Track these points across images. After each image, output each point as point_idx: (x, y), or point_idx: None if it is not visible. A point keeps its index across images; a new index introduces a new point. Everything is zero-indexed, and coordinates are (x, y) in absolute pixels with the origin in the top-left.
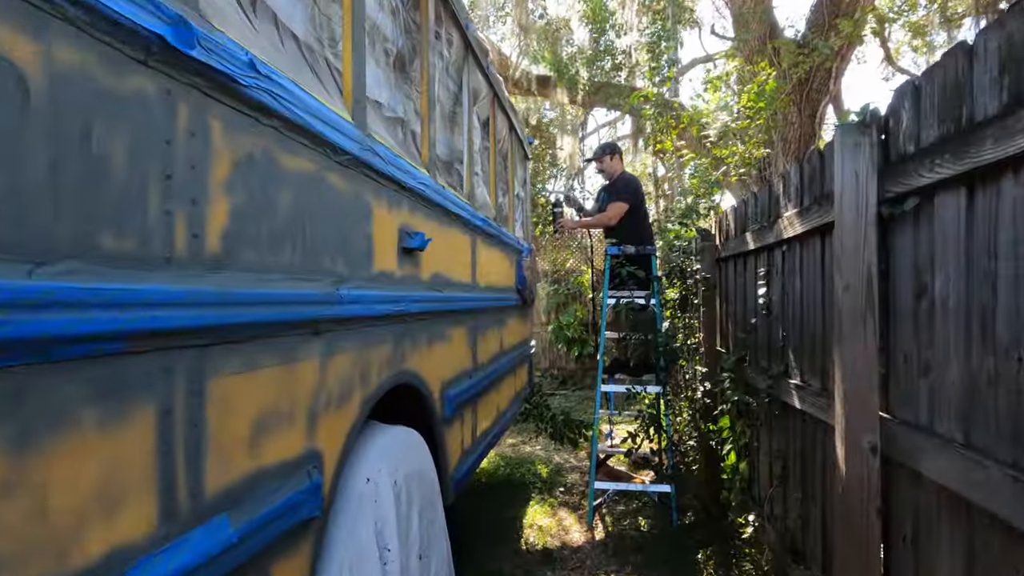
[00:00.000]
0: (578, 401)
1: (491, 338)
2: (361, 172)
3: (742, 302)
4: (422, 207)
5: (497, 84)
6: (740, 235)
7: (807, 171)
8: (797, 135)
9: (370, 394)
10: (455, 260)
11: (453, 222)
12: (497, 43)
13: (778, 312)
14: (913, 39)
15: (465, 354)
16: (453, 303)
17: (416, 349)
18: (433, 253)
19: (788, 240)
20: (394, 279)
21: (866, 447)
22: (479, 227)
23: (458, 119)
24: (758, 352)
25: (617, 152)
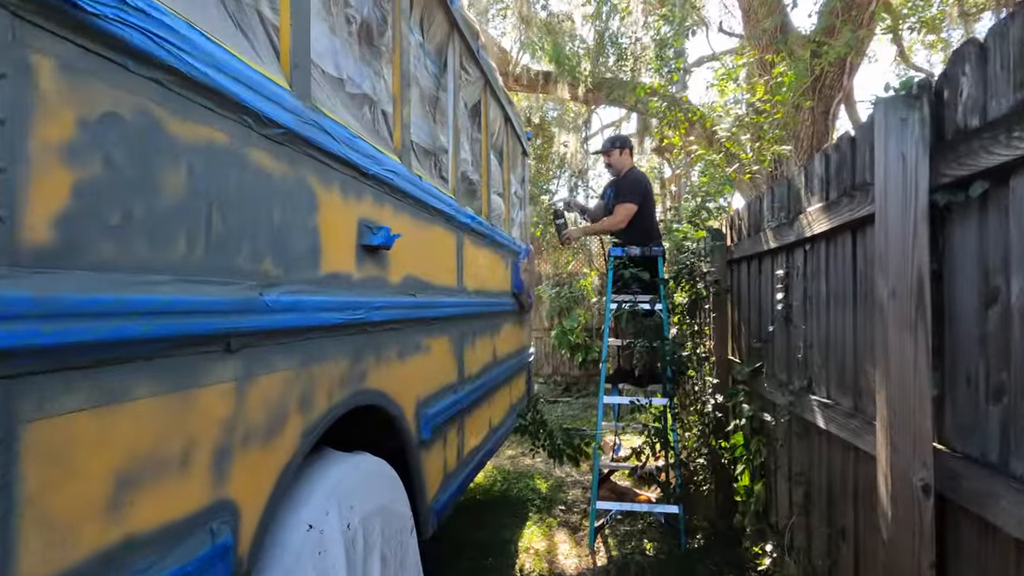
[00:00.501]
0: (581, 409)
1: (482, 347)
2: (302, 151)
3: (757, 307)
4: (391, 199)
5: (489, 71)
6: (755, 234)
7: (834, 159)
8: (809, 132)
9: (315, 422)
10: (435, 261)
11: (433, 218)
12: (497, 38)
13: (799, 319)
14: (925, 36)
15: (448, 367)
16: (432, 309)
17: (382, 364)
18: (406, 252)
19: (812, 238)
20: (351, 282)
21: (917, 485)
22: (466, 225)
23: (442, 105)
24: (775, 363)
25: (627, 146)
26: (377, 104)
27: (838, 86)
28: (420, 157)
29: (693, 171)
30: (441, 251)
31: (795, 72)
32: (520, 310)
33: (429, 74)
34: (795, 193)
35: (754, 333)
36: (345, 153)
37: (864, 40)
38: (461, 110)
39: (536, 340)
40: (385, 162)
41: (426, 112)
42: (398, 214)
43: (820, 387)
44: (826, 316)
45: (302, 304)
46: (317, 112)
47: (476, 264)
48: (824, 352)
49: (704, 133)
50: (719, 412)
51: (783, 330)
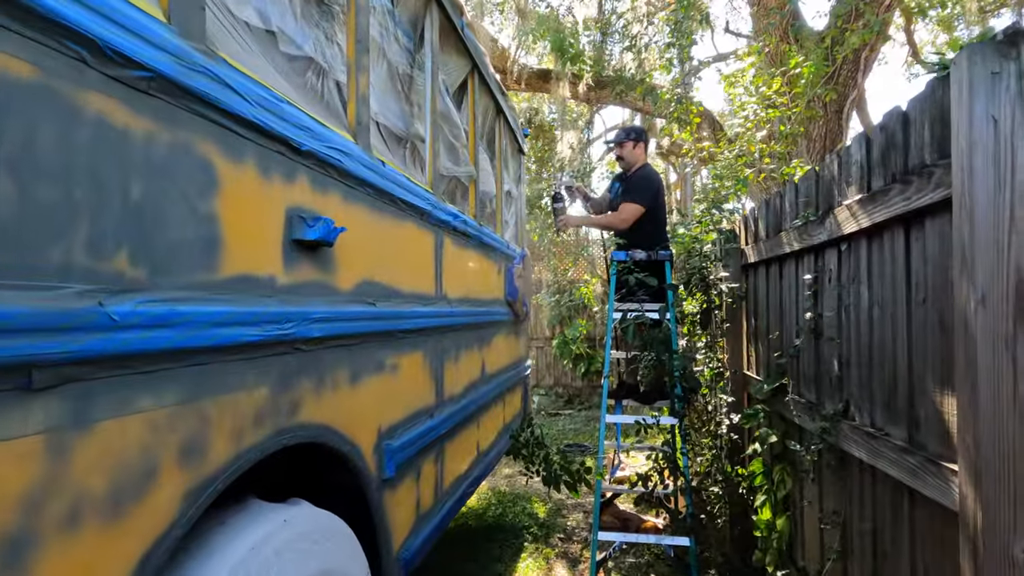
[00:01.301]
0: (584, 422)
1: (467, 362)
2: (188, 108)
3: (777, 317)
4: (339, 185)
5: (478, 54)
6: (774, 235)
7: (878, 142)
8: (822, 132)
9: (210, 476)
10: (406, 264)
11: (403, 213)
12: (495, 35)
13: (832, 332)
14: (936, 38)
15: (422, 388)
16: (400, 321)
17: (325, 391)
18: (362, 252)
19: (848, 237)
20: (275, 288)
21: (1020, 559)
22: (447, 223)
23: (418, 86)
24: (802, 381)
25: (642, 139)
26: (327, 73)
27: (852, 84)
28: (390, 143)
29: (701, 174)
30: (413, 252)
31: (814, 62)
32: (515, 320)
33: (401, 48)
34: (825, 186)
35: (775, 346)
36: (262, 119)
37: (887, 23)
38: (441, 93)
39: (537, 350)
40: (329, 138)
41: (398, 92)
42: (350, 205)
43: (861, 412)
44: (868, 328)
45: (184, 317)
46: (216, 60)
47: (460, 268)
48: (866, 371)
49: (713, 135)
50: (734, 434)
51: (812, 344)
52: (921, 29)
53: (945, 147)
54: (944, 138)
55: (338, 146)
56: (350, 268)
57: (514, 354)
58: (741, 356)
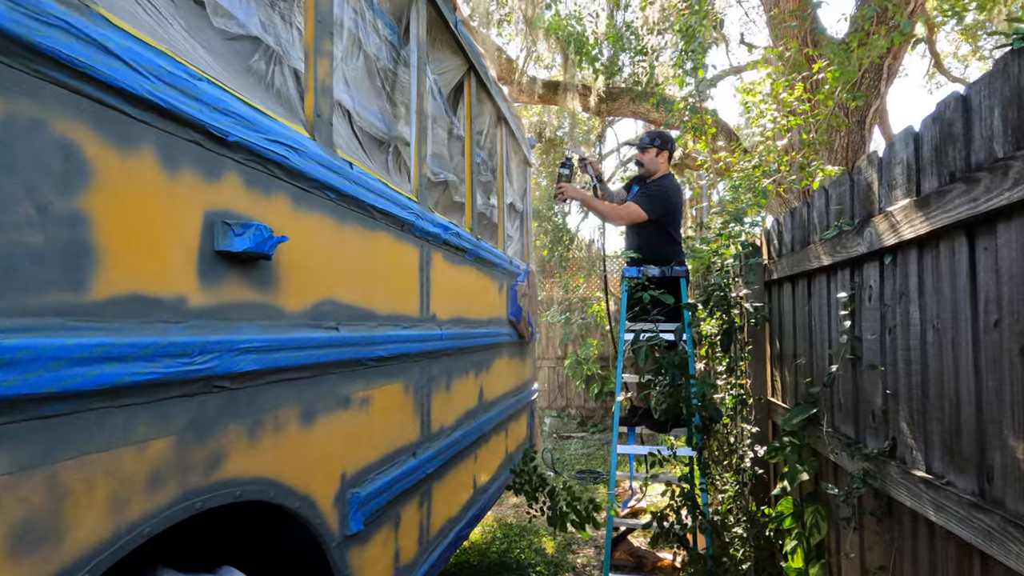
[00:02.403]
0: (597, 446)
1: (461, 390)
2: (31, 71)
3: (805, 339)
4: (286, 187)
5: (474, 54)
6: (800, 248)
7: (931, 135)
8: (844, 143)
9: (70, 567)
10: (381, 281)
11: (377, 223)
12: (503, 46)
13: (874, 357)
14: (958, 49)
15: (403, 422)
16: (372, 347)
17: (263, 437)
18: (319, 266)
19: (893, 248)
20: (183, 311)
21: None
22: (436, 236)
23: (403, 85)
24: (837, 413)
25: (666, 148)
26: (280, 58)
27: (874, 93)
28: (368, 145)
29: (717, 187)
30: (393, 268)
31: (838, 67)
32: (520, 341)
33: (383, 40)
34: (862, 191)
35: (803, 372)
36: (164, 98)
37: (915, 25)
38: (432, 94)
39: (549, 369)
40: (272, 130)
41: (378, 90)
42: (303, 211)
43: (913, 454)
44: (920, 355)
45: (17, 353)
46: (87, 15)
47: (454, 286)
48: (918, 406)
49: (728, 146)
50: (759, 468)
51: (848, 371)
52: (941, 40)
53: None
54: (1022, 124)
55: (285, 140)
56: (302, 286)
57: (519, 378)
58: (765, 381)
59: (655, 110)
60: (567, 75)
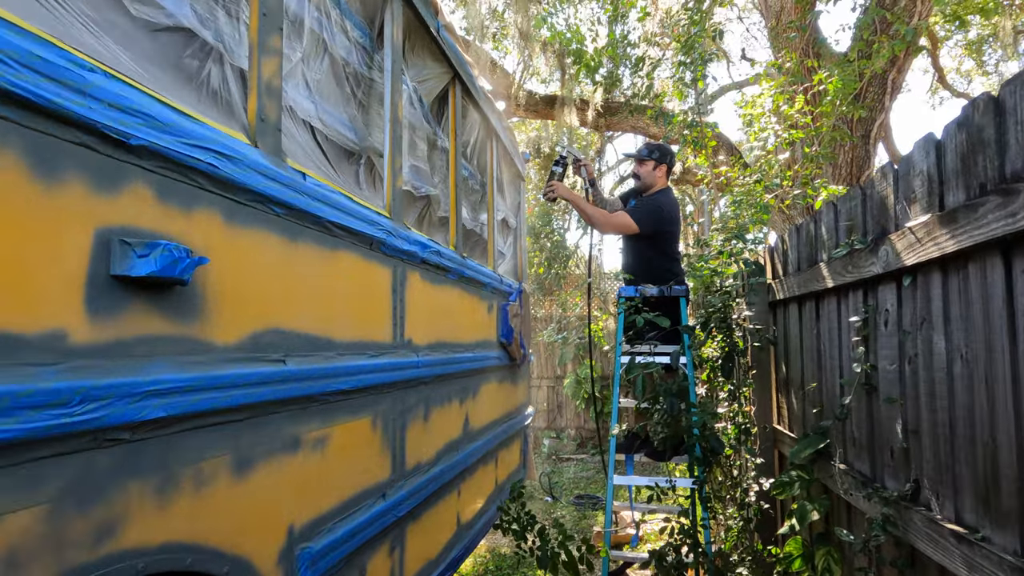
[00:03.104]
0: (597, 469)
1: (442, 420)
2: None
3: (814, 365)
4: (216, 200)
5: (459, 61)
6: (808, 268)
7: (956, 142)
8: (848, 158)
9: None
10: (343, 305)
11: (337, 241)
12: (500, 59)
13: (891, 388)
14: (961, 65)
15: (369, 461)
16: (330, 380)
17: (178, 495)
18: (261, 290)
19: (912, 269)
20: (61, 349)
21: None
22: (412, 255)
23: (376, 91)
24: (850, 447)
25: (664, 161)
26: (221, 57)
27: (879, 107)
28: (335, 156)
29: (719, 203)
30: (358, 291)
31: (840, 77)
32: (511, 364)
33: (351, 42)
34: (875, 206)
35: (812, 399)
36: (24, 88)
37: (918, 34)
38: (408, 102)
39: (548, 389)
40: (194, 134)
41: (346, 96)
42: (239, 228)
43: (940, 501)
44: (947, 388)
45: None
46: None
47: (434, 308)
48: (945, 446)
49: (728, 160)
50: (765, 503)
51: (863, 402)
52: (943, 56)
53: None
54: None
55: (214, 146)
56: (238, 314)
57: (510, 403)
58: (770, 408)
59: (654, 124)
60: (564, 89)
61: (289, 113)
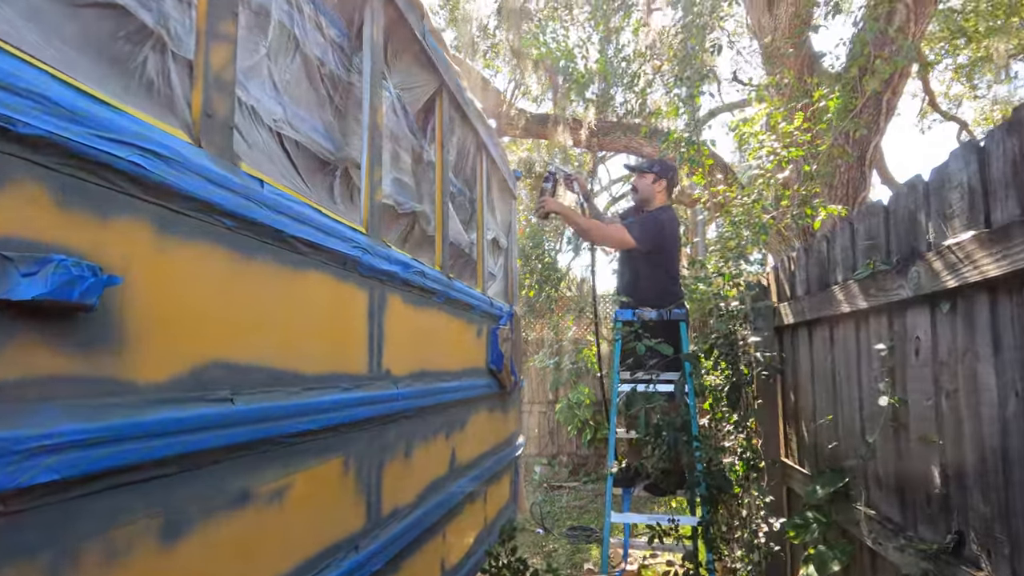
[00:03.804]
0: (591, 497)
1: (426, 457)
2: None
3: (828, 395)
4: (143, 207)
5: (447, 70)
6: (820, 290)
7: (1004, 148)
8: (844, 179)
9: None
10: (309, 331)
11: (303, 259)
12: (491, 78)
13: (926, 426)
14: (949, 90)
15: (340, 511)
16: (291, 421)
17: (79, 574)
18: (201, 316)
19: (952, 292)
20: None
21: None
22: (392, 275)
23: (355, 97)
24: (875, 487)
25: (665, 176)
26: (157, 39)
27: (875, 128)
28: (305, 165)
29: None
30: (328, 316)
31: (840, 95)
32: (501, 391)
33: (326, 40)
34: (902, 222)
35: (826, 433)
36: None
37: (919, 52)
38: (392, 110)
39: (539, 414)
40: (113, 126)
41: (321, 100)
42: (176, 242)
43: (993, 558)
44: (999, 427)
45: None
46: None
47: (416, 335)
48: (997, 495)
49: (725, 181)
50: (775, 544)
51: (890, 439)
52: (932, 80)
53: None
54: None
55: (140, 142)
56: (170, 345)
57: (500, 433)
58: (777, 440)
59: (648, 143)
60: (557, 108)
61: (250, 114)
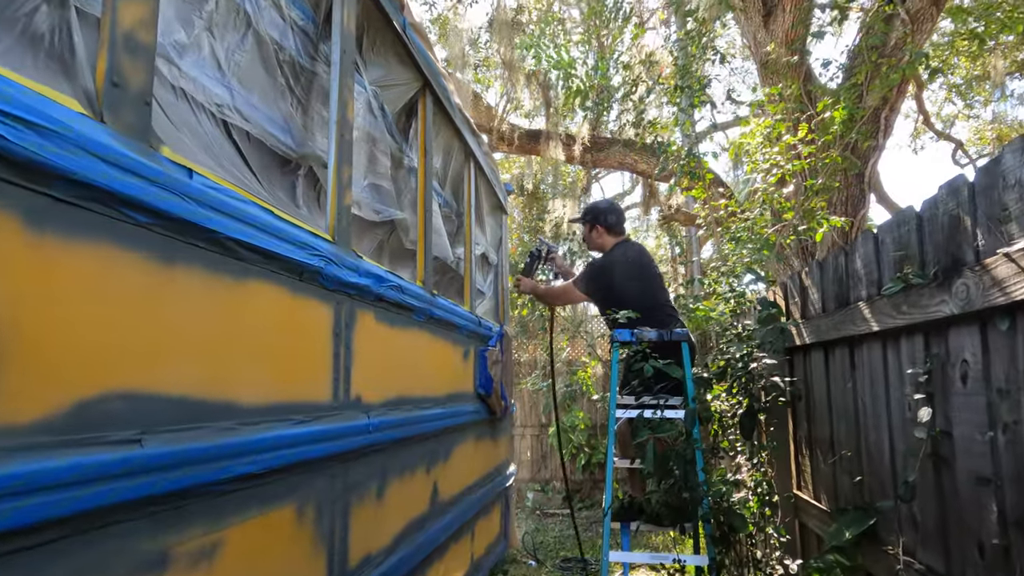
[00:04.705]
0: (585, 525)
1: (403, 495)
2: None
3: (848, 422)
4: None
5: (430, 68)
6: (838, 307)
7: None
8: (843, 197)
9: None
10: (250, 353)
11: (241, 265)
12: (481, 92)
13: (978, 462)
14: (941, 110)
15: (293, 567)
16: (220, 464)
17: None
18: (91, 338)
19: (1009, 308)
20: None
21: None
22: (364, 289)
23: (322, 86)
24: (909, 529)
25: (599, 222)
26: None
27: (873, 145)
28: (259, 160)
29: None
30: (279, 335)
31: (846, 104)
32: (491, 417)
33: (287, 23)
34: (941, 229)
35: (848, 467)
36: None
37: (900, 90)
38: (368, 108)
39: (532, 438)
40: None
41: (279, 88)
42: (55, 240)
43: None
44: None
45: None
46: None
47: (392, 357)
48: None
49: (725, 194)
50: None
51: (930, 476)
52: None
53: None
54: None
55: (7, 107)
56: (49, 373)
57: (489, 462)
58: (789, 472)
59: (643, 160)
60: (550, 123)
61: (184, 94)
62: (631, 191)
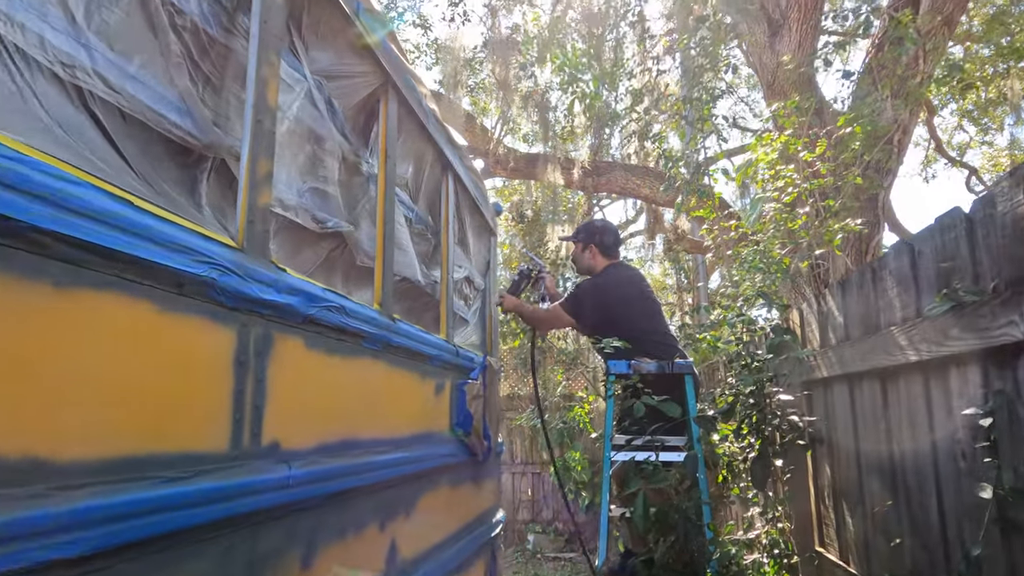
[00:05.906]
0: (588, 573)
1: (344, 561)
2: None
3: (882, 472)
4: None
5: (395, 66)
6: (866, 334)
7: None
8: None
9: None
10: (97, 391)
11: (70, 270)
12: (475, 115)
13: None
14: (952, 138)
15: None
16: (19, 546)
17: None
18: None
19: None
20: None
21: None
22: (285, 310)
23: (240, 64)
24: None
25: (592, 242)
26: None
27: (886, 169)
28: (142, 153)
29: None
30: (132, 363)
31: (870, 120)
32: (472, 459)
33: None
34: (1000, 233)
35: (881, 526)
36: None
37: (913, 112)
38: (303, 93)
39: (533, 476)
40: None
41: (173, 59)
42: None
43: None
44: None
45: None
46: None
47: (332, 392)
48: None
49: (734, 215)
50: None
51: (998, 545)
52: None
53: None
54: None
55: None
56: None
57: (470, 510)
58: (810, 526)
59: (645, 184)
60: (548, 146)
61: None
62: (635, 219)
